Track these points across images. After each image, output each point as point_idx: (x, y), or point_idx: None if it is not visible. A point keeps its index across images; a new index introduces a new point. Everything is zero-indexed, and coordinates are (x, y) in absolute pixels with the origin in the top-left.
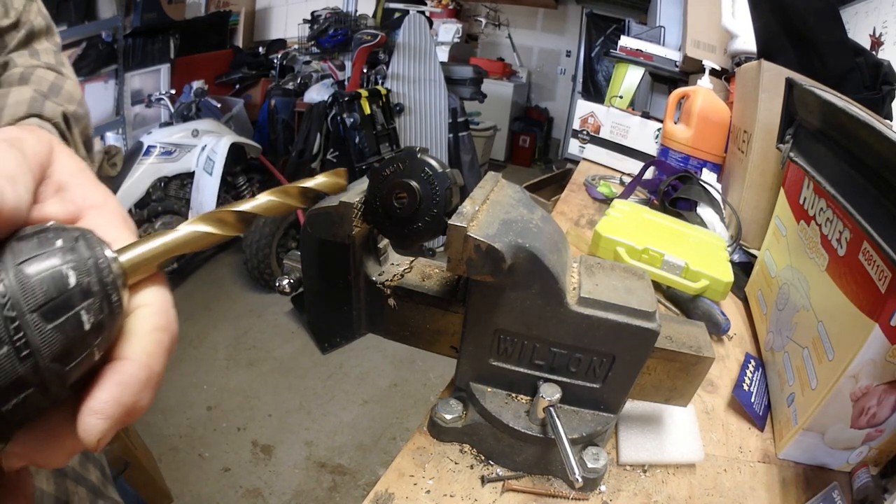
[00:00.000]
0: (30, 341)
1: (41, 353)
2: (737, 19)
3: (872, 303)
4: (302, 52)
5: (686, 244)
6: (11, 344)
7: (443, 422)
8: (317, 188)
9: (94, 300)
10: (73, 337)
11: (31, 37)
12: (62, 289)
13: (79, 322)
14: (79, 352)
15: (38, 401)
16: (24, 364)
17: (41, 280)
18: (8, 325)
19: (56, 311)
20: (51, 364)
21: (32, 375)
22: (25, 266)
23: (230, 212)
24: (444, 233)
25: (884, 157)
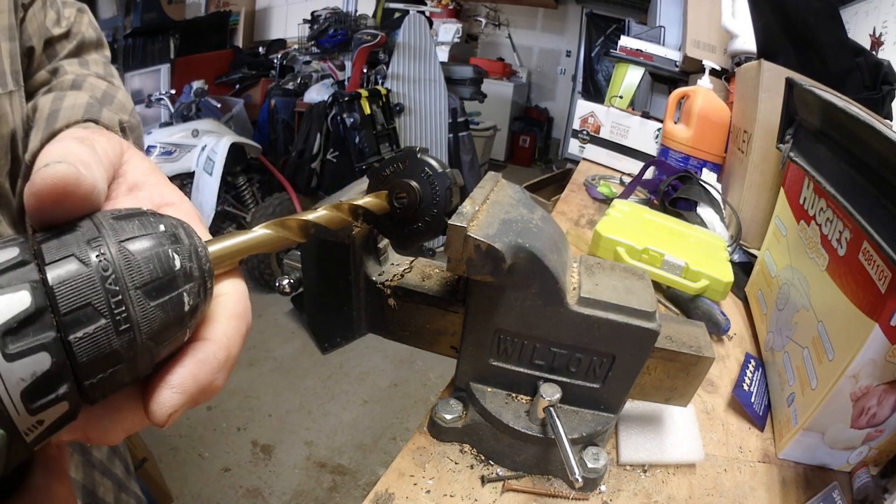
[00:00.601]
0: (130, 316)
1: (140, 330)
2: (737, 19)
3: (872, 303)
4: (302, 52)
5: (686, 244)
6: (111, 317)
7: (443, 422)
8: (366, 206)
9: (194, 284)
10: (173, 317)
11: (81, 48)
12: (168, 270)
13: (180, 303)
14: (173, 332)
15: (122, 377)
16: (120, 338)
17: (147, 259)
18: (109, 299)
19: (160, 290)
20: (146, 341)
21: (126, 351)
22: (129, 244)
23: (295, 219)
24: (444, 233)
25: (884, 157)
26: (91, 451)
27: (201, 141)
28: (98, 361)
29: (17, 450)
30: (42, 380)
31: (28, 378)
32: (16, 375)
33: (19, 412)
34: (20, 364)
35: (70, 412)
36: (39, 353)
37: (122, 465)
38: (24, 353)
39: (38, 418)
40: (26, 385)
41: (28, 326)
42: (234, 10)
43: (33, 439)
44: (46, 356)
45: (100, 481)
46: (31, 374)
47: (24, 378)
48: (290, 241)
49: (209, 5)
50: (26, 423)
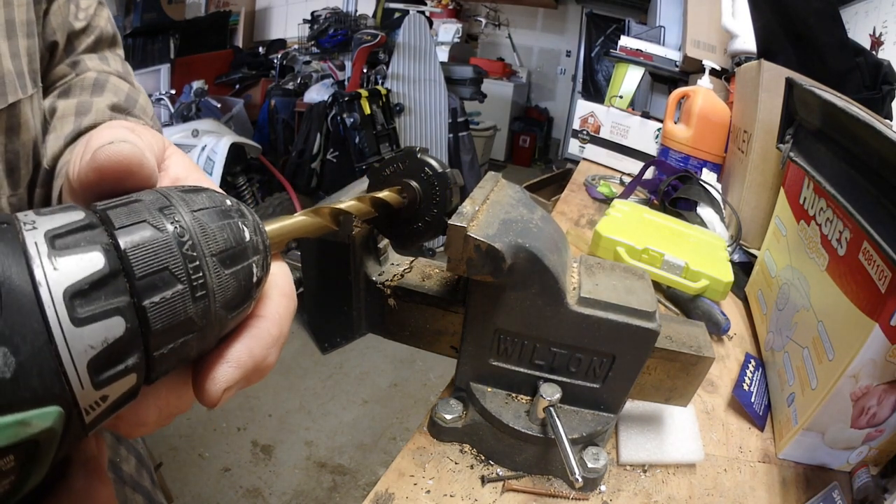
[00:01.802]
0: (207, 283)
1: (215, 297)
2: (737, 19)
3: (872, 303)
4: (302, 52)
5: (686, 244)
6: (189, 283)
7: (443, 422)
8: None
9: (260, 257)
10: (244, 286)
11: (99, 43)
12: (240, 240)
13: (250, 274)
14: (242, 303)
15: (190, 349)
16: (196, 305)
17: (220, 227)
18: (187, 264)
19: (234, 259)
20: (219, 310)
21: (200, 318)
22: (202, 214)
23: (328, 207)
24: (444, 233)
25: (884, 157)
26: (121, 465)
27: (201, 141)
28: (172, 329)
29: (73, 432)
30: (113, 348)
31: (98, 346)
32: (84, 342)
33: (83, 385)
34: (90, 329)
35: (135, 388)
36: (113, 317)
37: (148, 476)
38: (96, 318)
39: (102, 393)
40: (95, 354)
41: (100, 289)
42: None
43: (92, 420)
44: (120, 321)
45: (132, 497)
46: (102, 341)
47: (94, 345)
48: (326, 227)
49: (209, 5)
50: (89, 399)
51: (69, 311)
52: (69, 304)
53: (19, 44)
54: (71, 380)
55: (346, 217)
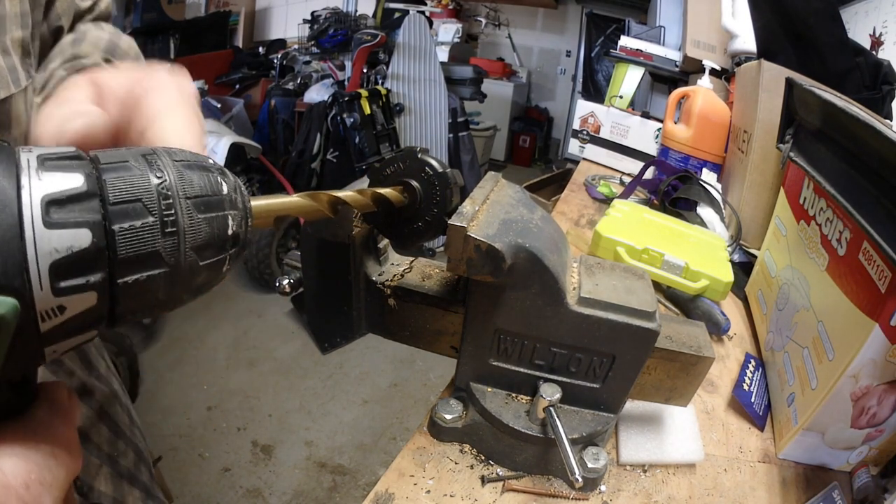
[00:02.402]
0: (178, 220)
1: (185, 236)
2: (737, 19)
3: (872, 303)
4: (302, 52)
5: (686, 244)
6: (159, 216)
7: (443, 422)
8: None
9: (238, 213)
10: (217, 235)
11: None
12: (217, 191)
13: (225, 224)
14: (215, 253)
15: (157, 289)
16: (165, 240)
17: (198, 177)
18: (160, 200)
19: (209, 206)
20: (189, 251)
21: (169, 255)
22: (183, 164)
23: (326, 194)
24: (444, 233)
25: (884, 157)
26: (119, 459)
27: None
28: (138, 259)
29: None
30: (76, 257)
31: (63, 251)
32: (51, 244)
33: (42, 286)
34: (58, 234)
35: (95, 312)
36: (81, 228)
37: (146, 470)
38: (66, 225)
39: (60, 302)
40: (59, 258)
41: (75, 203)
42: (234, 10)
43: (48, 331)
44: (87, 234)
45: (129, 492)
46: (67, 247)
47: (59, 249)
48: (320, 213)
49: (209, 5)
50: (46, 304)
51: (43, 214)
52: (45, 208)
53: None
54: (32, 277)
55: (347, 210)
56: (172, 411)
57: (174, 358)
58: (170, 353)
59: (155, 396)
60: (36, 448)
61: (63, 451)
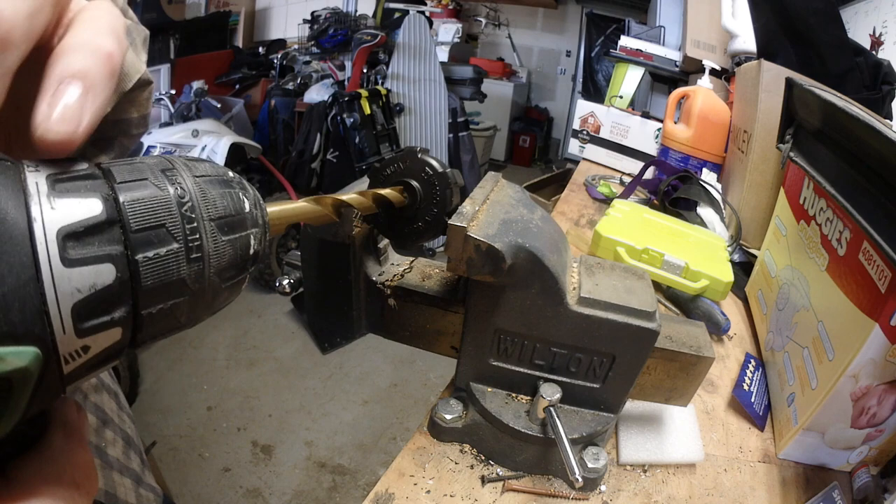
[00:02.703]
0: (203, 246)
1: (210, 262)
2: (737, 19)
3: (872, 303)
4: (302, 52)
5: (686, 244)
6: (185, 242)
7: (443, 422)
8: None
9: (259, 231)
10: (240, 256)
11: None
12: (239, 210)
13: (247, 245)
14: (236, 274)
15: (179, 315)
16: (190, 267)
17: (221, 195)
18: (185, 224)
19: (232, 226)
20: (213, 276)
21: (193, 282)
22: (204, 180)
23: (330, 198)
24: (444, 233)
25: (884, 157)
26: (107, 450)
27: (201, 141)
28: (163, 288)
29: (50, 381)
30: (100, 296)
31: (85, 290)
32: (72, 284)
33: (65, 329)
34: (79, 272)
35: (118, 345)
36: (104, 263)
37: (137, 457)
38: (87, 262)
39: (84, 343)
40: (81, 298)
41: (95, 235)
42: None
43: (71, 371)
44: (111, 269)
45: (119, 481)
46: (90, 286)
47: (81, 289)
48: (326, 217)
49: (209, 5)
50: (70, 347)
51: (60, 250)
52: (61, 243)
53: None
54: (53, 321)
55: (347, 210)
56: (172, 411)
57: (174, 358)
58: (170, 353)
59: (155, 396)
60: (59, 481)
61: (84, 478)
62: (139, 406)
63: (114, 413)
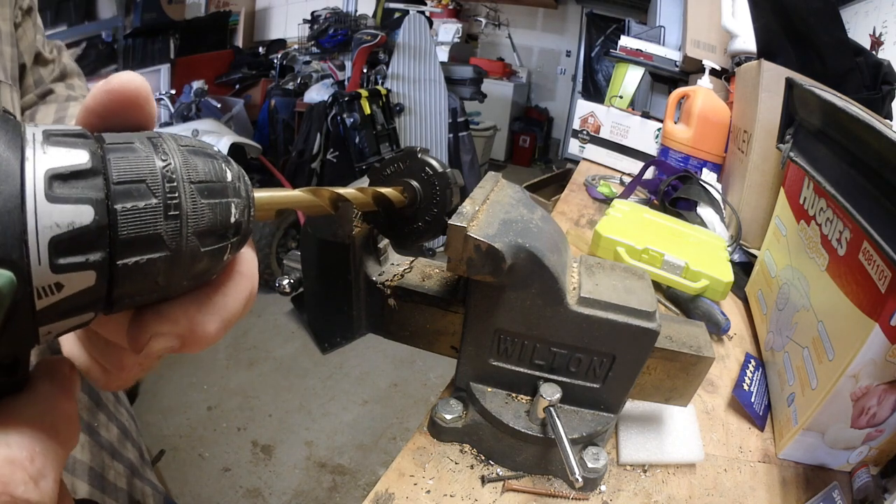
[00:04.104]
0: (181, 204)
1: (187, 220)
2: (737, 19)
3: (872, 303)
4: (302, 52)
5: (686, 244)
6: (163, 199)
7: (443, 422)
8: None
9: (241, 202)
10: (220, 222)
11: (64, 75)
12: (221, 178)
13: (228, 211)
14: (217, 241)
15: (157, 272)
16: (167, 223)
17: (203, 162)
18: (164, 183)
19: (212, 192)
20: (191, 236)
21: (170, 239)
22: (188, 150)
23: (328, 190)
24: (444, 233)
25: (884, 157)
26: (99, 430)
27: None
28: (139, 241)
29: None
30: (77, 234)
31: (64, 226)
32: (52, 219)
33: (41, 260)
34: (60, 209)
35: (92, 293)
36: (84, 205)
37: (135, 450)
38: (68, 200)
39: (58, 279)
40: (59, 233)
41: (79, 179)
42: (234, 10)
43: (43, 308)
44: (90, 210)
45: (109, 464)
46: (69, 223)
47: (60, 224)
48: (322, 209)
49: (209, 5)
50: (44, 280)
51: (46, 188)
52: (48, 182)
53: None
54: (31, 250)
55: (348, 210)
56: (172, 411)
57: (174, 358)
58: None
59: (155, 396)
60: (40, 422)
61: (63, 426)
62: (139, 406)
63: (110, 403)
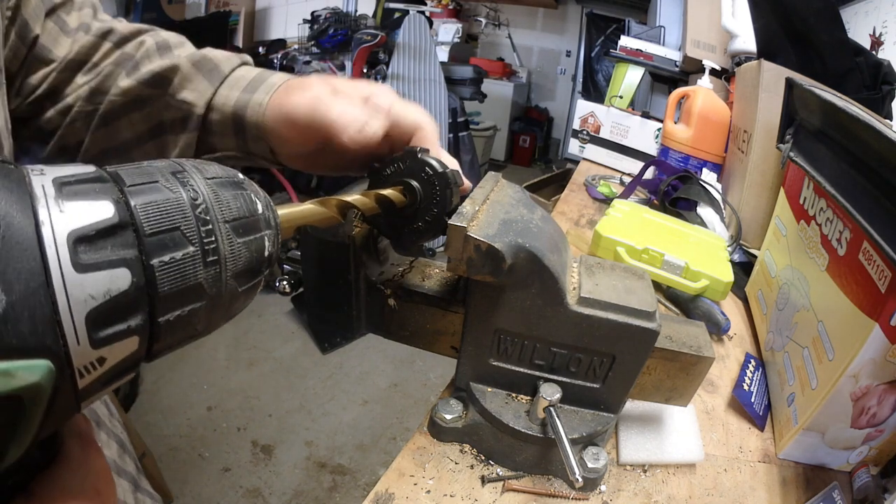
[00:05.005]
0: (219, 249)
1: (226, 265)
2: (737, 19)
3: (872, 303)
4: (302, 52)
5: (686, 244)
6: (201, 245)
7: (443, 422)
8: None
9: (272, 232)
10: (256, 259)
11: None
12: (253, 211)
13: (262, 246)
14: (252, 278)
15: (197, 322)
16: (207, 270)
17: (234, 196)
18: (199, 227)
19: (247, 228)
20: (230, 280)
21: (210, 286)
22: (216, 182)
23: (335, 199)
24: (444, 233)
25: (884, 157)
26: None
27: None
28: (180, 294)
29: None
30: (116, 302)
31: (100, 297)
32: (85, 291)
33: (80, 340)
34: (93, 278)
35: (135, 356)
36: (119, 268)
37: (132, 461)
38: (100, 266)
39: (100, 354)
40: (96, 305)
41: (107, 238)
42: (234, 10)
43: (86, 386)
44: (126, 274)
45: (116, 482)
46: (105, 292)
47: (95, 296)
48: (333, 218)
49: (209, 5)
50: (85, 358)
51: (72, 255)
52: (72, 248)
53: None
54: (66, 331)
55: (351, 211)
56: (172, 411)
57: (174, 358)
58: (170, 354)
59: (155, 396)
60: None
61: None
62: (139, 406)
63: (105, 417)
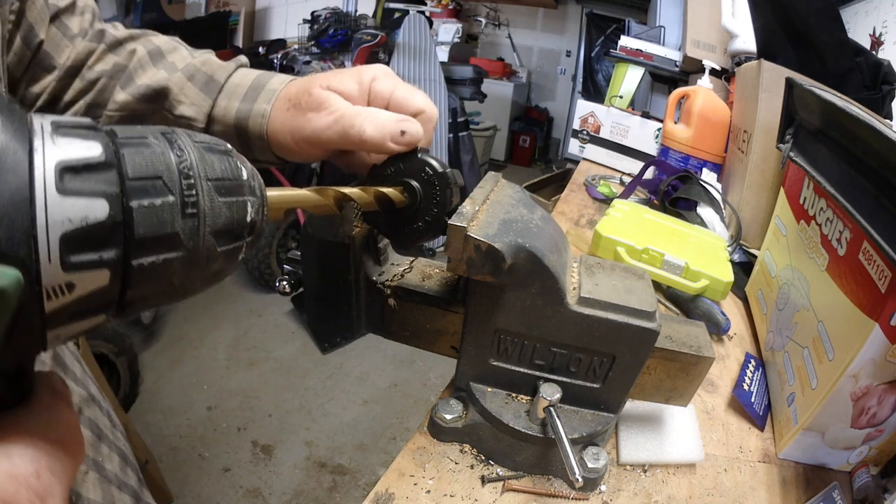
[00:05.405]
0: (199, 202)
1: (205, 219)
2: (737, 19)
3: (872, 302)
4: (302, 52)
5: (686, 244)
6: (181, 196)
7: (443, 422)
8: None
9: (256, 200)
10: (237, 220)
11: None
12: (237, 175)
13: (244, 210)
14: (233, 239)
15: (172, 274)
16: (185, 221)
17: (219, 159)
18: (181, 180)
19: (229, 190)
20: (208, 235)
21: (187, 238)
22: (202, 145)
23: (333, 189)
24: (444, 233)
25: (884, 157)
26: (104, 464)
27: None
28: (155, 240)
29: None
30: (90, 230)
31: (76, 221)
32: (64, 213)
33: (51, 258)
34: (73, 203)
35: (105, 293)
36: (98, 199)
37: (134, 473)
38: (82, 193)
39: (69, 278)
40: (72, 228)
41: (92, 173)
42: (234, 10)
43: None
44: (104, 205)
45: (118, 497)
46: (82, 218)
47: (73, 220)
48: (326, 207)
49: (209, 5)
50: (54, 279)
51: (57, 180)
52: (59, 174)
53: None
54: (40, 246)
55: (348, 210)
56: (172, 411)
57: (174, 358)
58: (170, 353)
59: (155, 396)
60: (44, 436)
61: (70, 439)
62: (139, 406)
63: (108, 429)
